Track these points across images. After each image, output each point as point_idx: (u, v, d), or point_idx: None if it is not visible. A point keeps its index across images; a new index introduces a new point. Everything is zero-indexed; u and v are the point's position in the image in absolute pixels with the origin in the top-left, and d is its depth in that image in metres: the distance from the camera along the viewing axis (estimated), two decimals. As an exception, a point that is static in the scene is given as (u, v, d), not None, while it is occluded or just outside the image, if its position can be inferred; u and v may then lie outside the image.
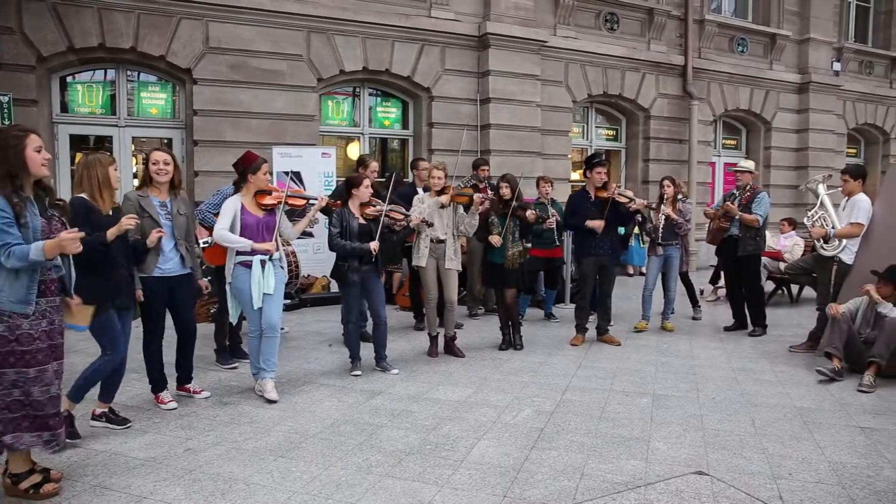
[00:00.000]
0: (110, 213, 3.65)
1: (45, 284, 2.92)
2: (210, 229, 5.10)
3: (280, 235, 4.62)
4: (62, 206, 3.08)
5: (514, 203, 5.68)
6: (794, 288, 8.90)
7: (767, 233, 7.19)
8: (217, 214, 5.00)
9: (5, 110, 7.48)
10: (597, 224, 5.89)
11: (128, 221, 3.57)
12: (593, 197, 6.04)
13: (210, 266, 5.38)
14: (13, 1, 7.44)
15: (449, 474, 3.20)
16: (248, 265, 4.32)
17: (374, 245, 4.87)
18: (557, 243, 7.10)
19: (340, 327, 5.44)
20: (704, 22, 12.29)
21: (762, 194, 6.50)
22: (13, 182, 2.80)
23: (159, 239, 3.90)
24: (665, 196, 6.75)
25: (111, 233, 3.52)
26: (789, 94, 13.52)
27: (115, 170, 3.73)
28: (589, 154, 6.63)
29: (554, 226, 6.82)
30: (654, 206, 6.81)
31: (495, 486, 3.07)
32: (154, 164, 4.07)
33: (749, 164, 6.84)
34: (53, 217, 2.99)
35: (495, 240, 5.66)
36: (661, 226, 6.61)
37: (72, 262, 3.13)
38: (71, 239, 2.81)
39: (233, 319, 4.78)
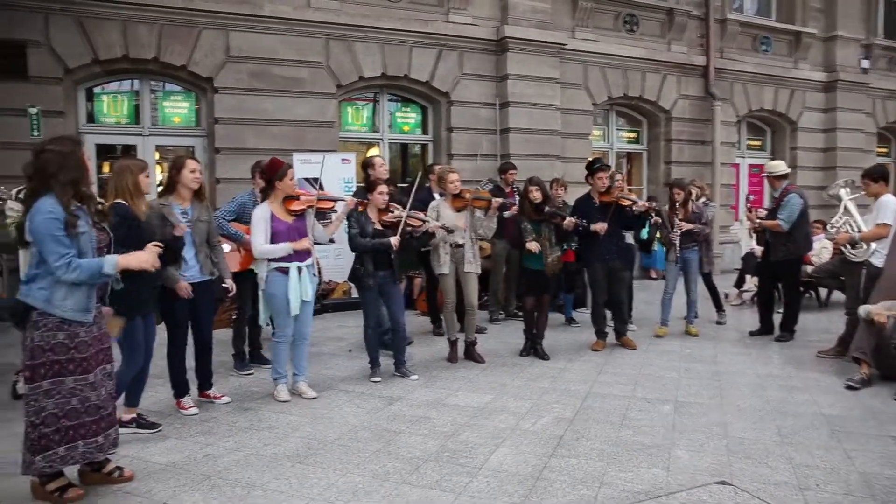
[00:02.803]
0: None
1: (99, 289, 3.01)
2: (225, 237, 5.15)
3: (314, 241, 4.64)
4: (103, 212, 3.13)
5: (547, 208, 5.64)
6: (823, 291, 8.71)
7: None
8: (232, 221, 5.09)
9: (34, 122, 7.67)
10: (599, 227, 5.81)
11: (151, 259, 3.17)
12: (597, 202, 6.00)
13: None
14: (41, 15, 7.62)
15: (466, 482, 3.17)
16: (285, 271, 4.34)
17: (394, 240, 4.84)
18: (573, 246, 6.98)
19: (361, 333, 5.44)
20: (726, 21, 12.12)
21: (790, 196, 6.27)
22: (76, 190, 2.86)
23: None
24: (676, 203, 6.58)
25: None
26: (816, 93, 13.26)
27: (147, 176, 3.80)
28: (589, 160, 6.51)
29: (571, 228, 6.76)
30: (656, 207, 6.62)
31: (513, 494, 3.04)
32: (192, 171, 4.15)
33: (776, 166, 6.59)
34: (98, 225, 3.05)
35: (534, 246, 5.57)
36: (679, 239, 6.47)
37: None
38: (149, 258, 2.94)
39: (262, 323, 4.82)
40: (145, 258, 3.01)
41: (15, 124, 7.53)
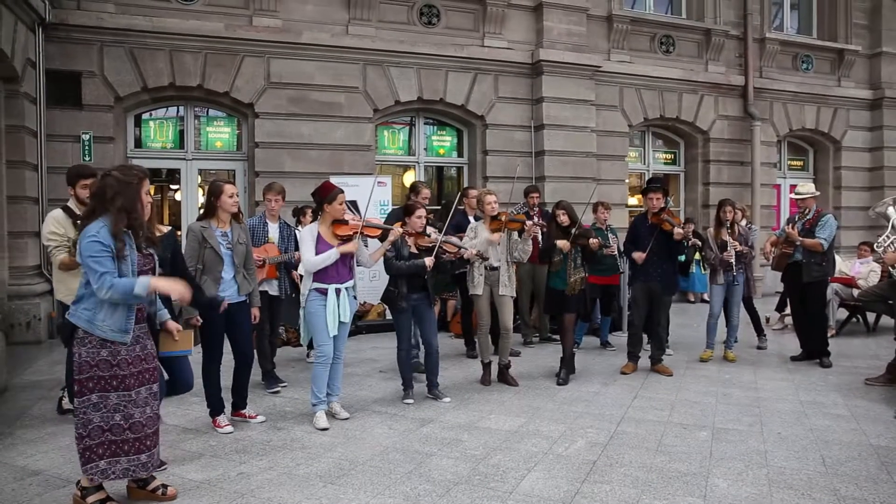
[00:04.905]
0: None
1: (139, 311, 3.11)
2: None
3: (358, 264, 4.70)
4: (152, 239, 3.23)
5: (574, 230, 5.65)
6: (871, 316, 8.40)
7: (839, 258, 6.84)
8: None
9: (86, 147, 8.03)
10: (637, 256, 5.90)
11: (182, 291, 3.12)
12: (649, 221, 5.96)
13: None
14: (95, 47, 8.03)
15: (497, 506, 3.14)
16: (324, 292, 4.41)
17: (429, 261, 4.86)
18: (620, 270, 6.98)
19: (394, 354, 5.47)
20: (765, 40, 11.97)
21: (826, 217, 6.24)
22: (128, 218, 2.99)
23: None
24: (726, 222, 6.46)
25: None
26: (860, 111, 12.94)
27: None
28: (648, 178, 6.51)
29: (616, 252, 6.75)
30: (696, 241, 6.51)
31: (544, 520, 3.00)
32: (230, 196, 4.27)
33: (808, 189, 6.55)
34: (148, 252, 3.16)
35: (563, 244, 5.60)
36: (733, 259, 6.30)
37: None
38: (182, 290, 3.00)
39: (303, 342, 4.87)
40: (177, 288, 3.02)
41: (69, 150, 7.91)
